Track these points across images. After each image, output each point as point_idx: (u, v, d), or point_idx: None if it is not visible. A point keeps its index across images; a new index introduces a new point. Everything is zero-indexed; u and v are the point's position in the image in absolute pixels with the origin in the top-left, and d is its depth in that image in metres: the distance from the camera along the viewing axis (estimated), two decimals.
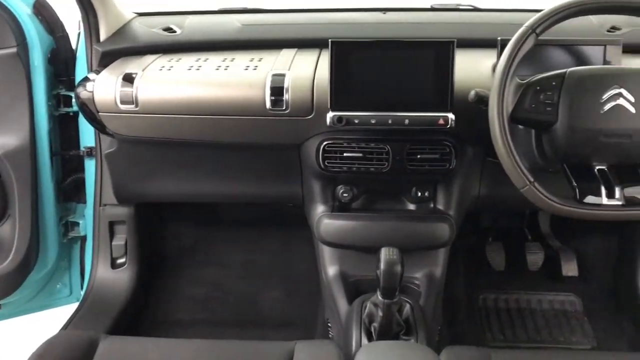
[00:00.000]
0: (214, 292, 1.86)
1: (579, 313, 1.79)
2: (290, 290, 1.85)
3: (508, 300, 1.83)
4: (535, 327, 1.74)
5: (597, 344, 1.68)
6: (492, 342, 1.70)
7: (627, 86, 1.05)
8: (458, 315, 1.77)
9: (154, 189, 1.60)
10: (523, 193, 1.08)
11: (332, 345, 1.11)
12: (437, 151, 1.33)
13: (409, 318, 1.24)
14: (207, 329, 1.75)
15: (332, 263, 1.48)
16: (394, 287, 1.13)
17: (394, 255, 1.11)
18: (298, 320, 1.75)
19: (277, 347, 1.11)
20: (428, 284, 1.43)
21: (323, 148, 1.35)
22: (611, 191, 1.07)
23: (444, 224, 1.41)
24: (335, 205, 1.47)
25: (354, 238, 1.42)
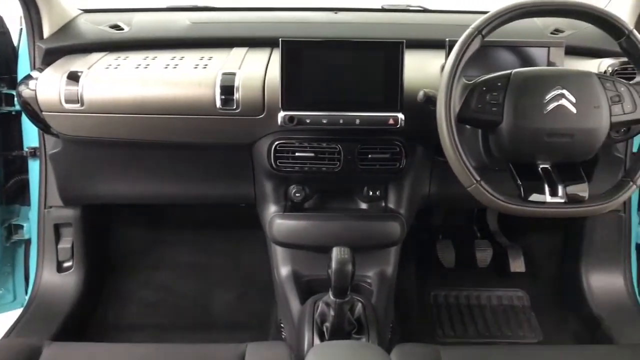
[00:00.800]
0: (165, 295, 1.83)
1: (527, 308, 1.84)
2: (243, 292, 1.84)
3: (458, 296, 1.87)
4: (484, 322, 1.78)
5: (544, 338, 1.73)
6: (443, 338, 1.73)
7: (569, 87, 1.08)
8: (410, 312, 1.79)
9: (101, 190, 1.56)
10: (470, 192, 1.10)
11: (284, 347, 1.10)
12: (387, 151, 1.34)
13: (360, 317, 1.25)
14: (157, 333, 1.71)
15: (285, 263, 1.48)
16: (346, 287, 1.14)
17: (345, 254, 1.12)
18: (250, 322, 1.74)
19: (228, 350, 1.10)
20: (380, 283, 1.44)
21: (275, 148, 1.34)
22: (554, 189, 1.10)
23: (395, 223, 1.42)
24: (288, 205, 1.46)
25: (307, 238, 1.42)
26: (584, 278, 1.75)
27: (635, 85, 1.12)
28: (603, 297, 1.71)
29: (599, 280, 1.74)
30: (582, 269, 1.76)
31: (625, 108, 1.10)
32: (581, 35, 1.51)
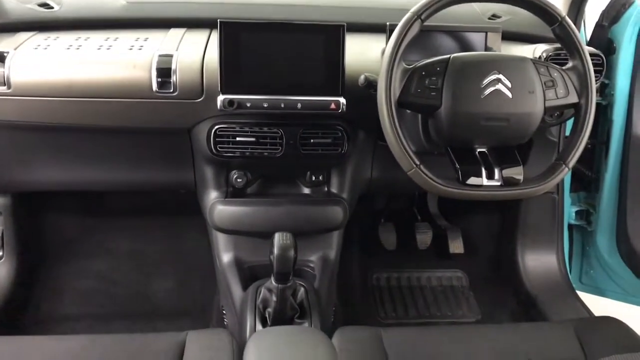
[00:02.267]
0: (102, 284, 1.77)
1: (465, 288, 1.89)
2: (183, 279, 1.80)
3: (400, 278, 1.90)
4: (425, 303, 1.82)
5: (482, 317, 1.79)
6: (385, 319, 1.76)
7: (505, 72, 1.10)
8: (352, 295, 1.81)
9: (32, 177, 1.48)
10: (410, 176, 1.11)
11: (225, 334, 1.09)
12: (329, 136, 1.34)
13: (303, 301, 1.25)
14: (95, 323, 1.66)
15: (227, 250, 1.46)
16: (288, 272, 1.13)
17: (287, 240, 1.11)
18: (192, 310, 1.71)
19: (167, 339, 1.08)
20: (322, 267, 1.44)
21: (214, 132, 1.31)
22: (491, 172, 1.12)
23: (338, 207, 1.42)
24: (229, 191, 1.44)
25: (249, 224, 1.40)
26: (520, 258, 1.81)
27: (568, 71, 1.15)
28: (537, 276, 1.77)
29: (533, 260, 1.80)
30: (518, 249, 1.82)
31: (558, 93, 1.13)
32: (517, 21, 1.54)
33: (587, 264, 1.84)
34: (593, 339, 1.11)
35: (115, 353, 1.04)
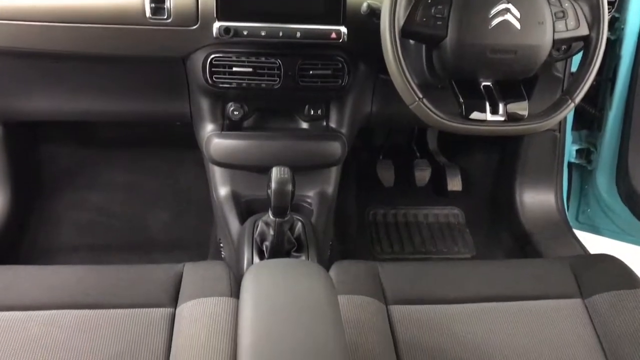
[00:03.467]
0: (98, 216, 1.76)
1: (461, 225, 1.89)
2: (180, 212, 1.80)
3: (396, 214, 1.90)
4: (421, 239, 1.83)
5: (477, 253, 1.80)
6: (380, 255, 1.77)
7: (514, 1, 1.05)
8: (349, 231, 1.82)
9: (24, 106, 1.45)
10: (412, 109, 1.08)
11: (222, 266, 1.09)
12: (329, 67, 1.29)
13: (300, 236, 1.25)
14: (92, 254, 1.67)
15: (223, 184, 1.44)
16: (285, 206, 1.12)
17: (284, 174, 1.09)
18: (189, 242, 1.72)
19: (164, 270, 1.07)
20: (320, 202, 1.43)
21: (210, 62, 1.27)
22: (495, 107, 1.09)
23: (336, 142, 1.40)
24: (226, 123, 1.41)
25: (245, 158, 1.38)
26: (517, 196, 1.81)
27: (580, 1, 1.10)
28: (534, 214, 1.77)
29: (531, 197, 1.79)
30: (516, 187, 1.81)
31: (568, 24, 1.08)
32: None
33: (584, 202, 1.84)
34: (589, 276, 1.12)
35: (112, 283, 1.04)
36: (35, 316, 0.96)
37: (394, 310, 1.04)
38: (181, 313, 0.98)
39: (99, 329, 0.95)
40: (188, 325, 0.95)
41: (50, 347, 0.92)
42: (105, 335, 0.95)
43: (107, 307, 0.99)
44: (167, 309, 1.00)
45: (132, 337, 0.95)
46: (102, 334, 0.95)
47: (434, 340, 1.01)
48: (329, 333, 0.71)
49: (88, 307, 0.99)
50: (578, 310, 1.06)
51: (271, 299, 0.76)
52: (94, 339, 0.94)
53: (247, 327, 0.72)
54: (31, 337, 0.93)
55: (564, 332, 1.03)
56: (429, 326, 1.03)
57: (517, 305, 1.06)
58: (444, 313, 1.05)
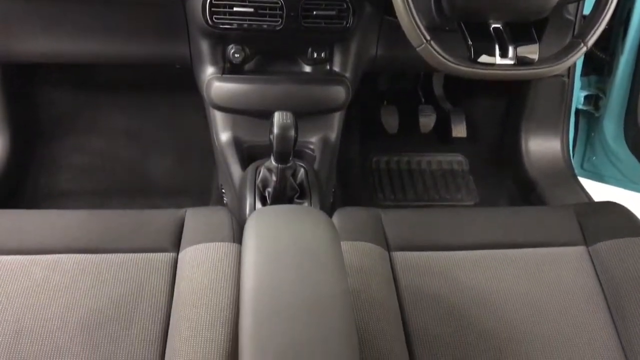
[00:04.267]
0: (99, 161, 1.75)
1: (465, 172, 1.88)
2: (182, 157, 1.78)
3: (399, 161, 1.88)
4: (424, 186, 1.82)
5: (480, 201, 1.79)
6: (383, 201, 1.76)
7: None
8: (351, 177, 1.80)
9: (22, 48, 1.40)
10: (419, 52, 1.05)
11: (224, 211, 1.08)
12: (333, 7, 1.25)
13: (303, 182, 1.23)
14: (93, 200, 1.66)
15: (225, 129, 1.42)
16: (288, 152, 1.10)
17: (287, 119, 1.07)
18: (191, 188, 1.71)
19: (166, 215, 1.07)
20: (323, 148, 1.41)
21: (210, 2, 1.22)
22: (504, 50, 1.06)
23: (340, 87, 1.36)
24: (226, 67, 1.37)
25: (247, 102, 1.35)
26: (523, 143, 1.78)
27: None
28: (539, 161, 1.75)
29: (537, 145, 1.77)
30: (522, 134, 1.79)
31: None
32: None
33: (590, 150, 1.82)
34: (593, 223, 1.11)
35: (114, 228, 1.03)
36: (39, 260, 0.96)
37: (396, 257, 1.04)
38: (183, 258, 0.98)
39: (101, 273, 0.96)
40: (190, 270, 0.95)
41: (53, 290, 0.92)
42: (107, 280, 0.95)
43: (110, 252, 0.99)
44: (170, 253, 1.00)
45: (135, 281, 0.95)
46: (105, 278, 0.95)
47: (436, 286, 1.01)
48: (331, 278, 0.70)
49: (91, 251, 0.99)
50: (581, 258, 1.06)
51: (274, 244, 0.75)
52: (96, 283, 0.94)
53: (250, 272, 0.71)
54: (34, 280, 0.93)
55: (566, 280, 1.03)
56: (431, 273, 1.03)
57: (520, 253, 1.06)
58: (447, 260, 1.05)
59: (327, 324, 0.65)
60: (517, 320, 0.97)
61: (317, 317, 0.66)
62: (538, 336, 0.95)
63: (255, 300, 0.68)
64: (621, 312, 0.97)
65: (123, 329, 0.89)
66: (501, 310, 0.97)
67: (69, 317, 0.89)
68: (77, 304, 0.91)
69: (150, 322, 0.90)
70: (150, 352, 0.86)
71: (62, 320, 0.89)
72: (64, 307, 0.90)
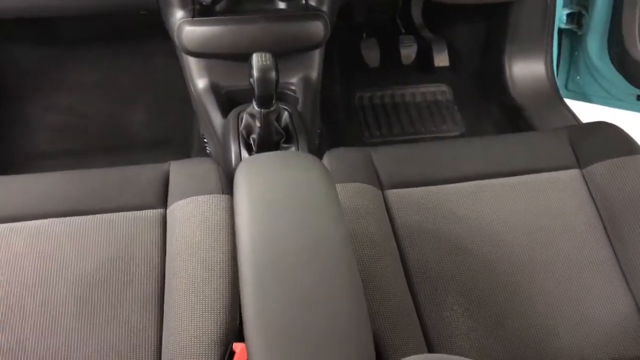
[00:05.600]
0: (72, 118, 1.68)
1: (450, 102, 1.84)
2: (158, 108, 1.71)
3: (383, 96, 1.84)
4: (409, 119, 1.78)
5: (466, 130, 1.77)
6: (369, 139, 1.73)
7: None
8: (336, 115, 1.76)
9: None
10: None
11: (209, 162, 1.04)
12: None
13: (288, 125, 1.20)
14: (70, 159, 1.60)
15: (200, 75, 1.36)
16: (270, 95, 1.05)
17: (267, 60, 1.02)
18: (171, 140, 1.65)
19: (150, 170, 1.03)
20: (305, 88, 1.36)
21: None
22: None
23: (318, 22, 1.30)
24: (196, 9, 1.29)
25: (221, 45, 1.29)
26: (507, 67, 1.75)
27: None
28: (524, 85, 1.73)
29: (521, 68, 1.74)
30: (505, 58, 1.75)
31: None
32: None
33: (574, 69, 1.79)
34: (586, 146, 1.09)
35: (97, 188, 0.99)
36: (19, 228, 0.92)
37: (390, 195, 1.02)
38: (172, 213, 0.95)
39: (88, 236, 0.92)
40: (181, 225, 0.93)
41: (37, 258, 0.89)
42: (95, 241, 0.92)
43: (94, 213, 0.95)
44: (158, 210, 0.97)
45: (124, 241, 0.92)
46: (92, 240, 0.92)
47: (432, 221, 0.99)
48: (330, 223, 0.68)
49: (74, 214, 0.95)
50: (576, 181, 1.05)
51: (268, 194, 0.72)
52: (83, 246, 0.91)
53: (245, 224, 0.69)
54: (16, 251, 0.89)
55: (562, 204, 1.02)
56: (426, 208, 1.01)
57: (514, 181, 1.04)
58: (441, 193, 1.03)
59: (329, 270, 0.64)
60: (517, 246, 0.96)
61: (319, 264, 0.64)
62: (538, 260, 0.95)
63: (254, 252, 0.65)
64: (617, 231, 0.98)
65: (118, 291, 0.86)
66: (500, 239, 0.97)
67: (58, 285, 0.86)
68: (66, 270, 0.88)
69: (145, 282, 0.88)
70: (149, 312, 0.85)
71: (51, 288, 0.86)
72: (52, 274, 0.87)
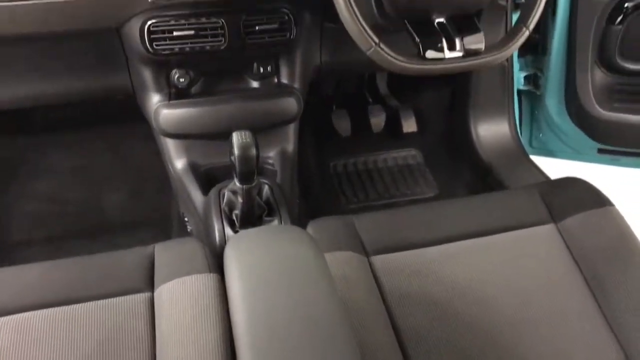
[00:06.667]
0: (50, 205, 1.67)
1: (421, 165, 1.90)
2: (136, 189, 1.72)
3: (357, 163, 1.88)
4: (383, 184, 1.83)
5: (439, 191, 1.81)
6: (347, 205, 1.76)
7: None
8: (312, 186, 1.79)
9: None
10: (369, 55, 1.05)
11: (194, 241, 1.05)
12: (275, 20, 1.24)
13: (269, 199, 1.22)
14: (50, 246, 1.58)
15: (179, 155, 1.38)
16: (252, 171, 1.08)
17: (247, 138, 1.05)
18: (151, 220, 1.65)
19: (134, 254, 1.02)
20: (282, 161, 1.40)
21: (148, 29, 1.19)
22: (452, 43, 1.07)
23: (292, 98, 1.36)
24: (172, 92, 1.34)
25: (200, 126, 1.32)
26: (472, 129, 1.82)
27: None
28: (491, 144, 1.79)
29: (486, 129, 1.81)
30: (470, 120, 1.82)
31: None
32: None
33: (536, 127, 1.87)
34: (558, 200, 1.14)
35: (81, 276, 0.98)
36: (3, 323, 0.90)
37: (375, 261, 1.03)
38: (160, 296, 0.94)
39: (75, 325, 0.90)
40: (170, 308, 0.92)
41: (25, 351, 0.86)
42: (83, 331, 0.90)
43: (80, 301, 0.94)
44: (145, 293, 0.96)
45: (112, 328, 0.90)
46: (80, 329, 0.90)
47: (419, 285, 1.01)
48: (325, 299, 0.69)
49: (60, 304, 0.93)
50: (552, 235, 1.08)
51: (260, 270, 0.73)
52: (71, 336, 0.89)
53: (240, 303, 0.69)
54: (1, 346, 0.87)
55: (542, 259, 1.05)
56: (412, 272, 1.02)
57: (493, 239, 1.07)
58: (424, 257, 1.05)
59: (329, 348, 0.64)
60: (503, 305, 0.98)
61: (318, 342, 0.64)
62: (524, 317, 0.96)
63: (251, 332, 0.65)
64: (598, 281, 1.00)
65: None
66: (487, 299, 0.98)
67: None
68: None
69: None
70: None
71: None
72: None
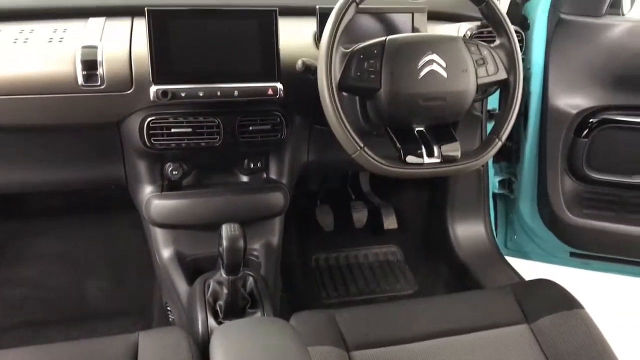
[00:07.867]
0: (32, 290, 1.67)
1: (401, 262, 1.95)
2: (118, 277, 1.74)
3: (338, 258, 1.93)
4: (364, 279, 1.86)
5: (418, 288, 1.85)
6: (327, 299, 1.78)
7: (438, 52, 1.13)
8: (294, 279, 1.82)
9: None
10: (354, 158, 1.12)
11: (178, 331, 1.06)
12: (268, 122, 1.32)
13: (253, 291, 1.24)
14: (29, 333, 1.57)
15: (166, 245, 1.42)
16: (238, 263, 1.12)
17: (235, 230, 1.10)
18: (132, 309, 1.66)
19: (118, 342, 1.03)
20: (267, 254, 1.44)
21: (147, 125, 1.26)
22: (430, 150, 1.15)
23: (279, 193, 1.42)
24: (165, 184, 1.39)
25: (189, 217, 1.37)
26: (450, 229, 1.89)
27: (496, 48, 1.20)
28: (468, 245, 1.86)
29: (462, 230, 1.88)
30: (448, 221, 1.89)
31: (488, 70, 1.17)
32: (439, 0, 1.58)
33: (511, 230, 1.95)
34: (531, 302, 1.18)
35: None
36: None
37: (355, 357, 1.06)
38: None
39: None
40: None
41: None
42: None
43: None
44: None
45: None
46: None
47: None
48: None
49: None
50: (526, 336, 1.12)
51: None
52: None
53: None
54: None
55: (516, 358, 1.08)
56: None
57: (470, 338, 1.11)
58: (403, 353, 1.07)
59: None
60: None
61: None
62: None
63: None
64: None
65: None
66: None
67: None
68: None
69: None
70: None
71: None
72: None
